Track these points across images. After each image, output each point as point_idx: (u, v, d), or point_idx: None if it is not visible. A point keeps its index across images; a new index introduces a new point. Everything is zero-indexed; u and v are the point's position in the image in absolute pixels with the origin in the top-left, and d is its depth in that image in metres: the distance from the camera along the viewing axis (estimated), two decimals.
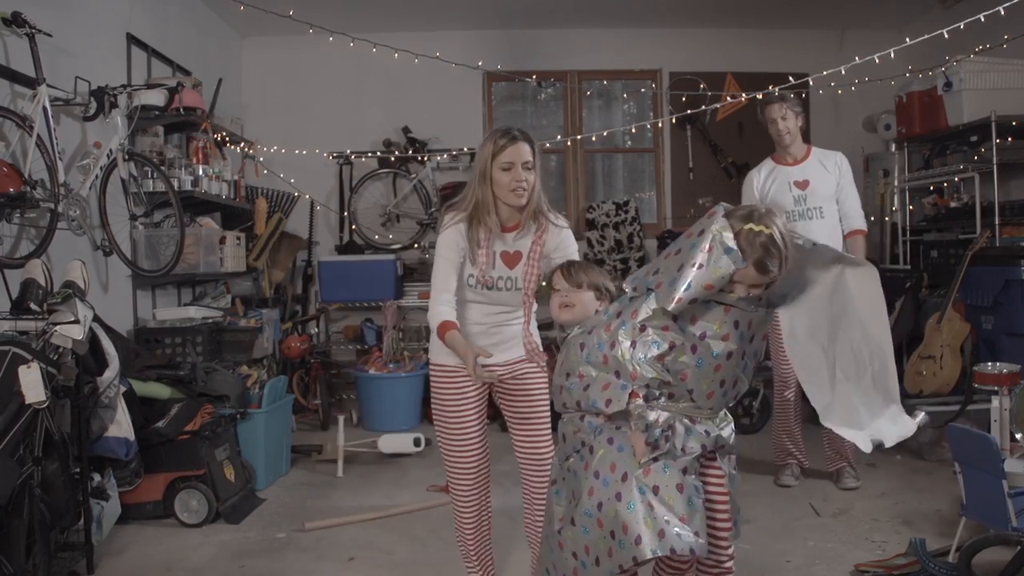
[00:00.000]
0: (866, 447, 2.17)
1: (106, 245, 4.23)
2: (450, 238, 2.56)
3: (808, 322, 2.20)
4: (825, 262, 2.17)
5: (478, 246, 2.54)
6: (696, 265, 1.98)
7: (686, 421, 2.09)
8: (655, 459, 2.05)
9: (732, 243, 1.98)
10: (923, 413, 2.26)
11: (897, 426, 2.20)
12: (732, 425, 2.23)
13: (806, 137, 4.30)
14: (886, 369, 2.19)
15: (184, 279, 5.20)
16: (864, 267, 2.17)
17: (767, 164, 4.17)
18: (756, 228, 2.00)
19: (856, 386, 2.21)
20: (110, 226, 4.22)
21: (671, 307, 1.97)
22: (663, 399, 2.08)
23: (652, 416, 2.04)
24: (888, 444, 2.17)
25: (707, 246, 1.99)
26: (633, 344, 2.07)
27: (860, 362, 2.19)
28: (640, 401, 2.05)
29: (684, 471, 2.08)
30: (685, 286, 1.97)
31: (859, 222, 4.05)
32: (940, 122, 5.36)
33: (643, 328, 2.07)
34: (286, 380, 4.78)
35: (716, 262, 1.98)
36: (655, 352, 2.05)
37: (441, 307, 2.49)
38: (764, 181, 4.11)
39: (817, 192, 3.99)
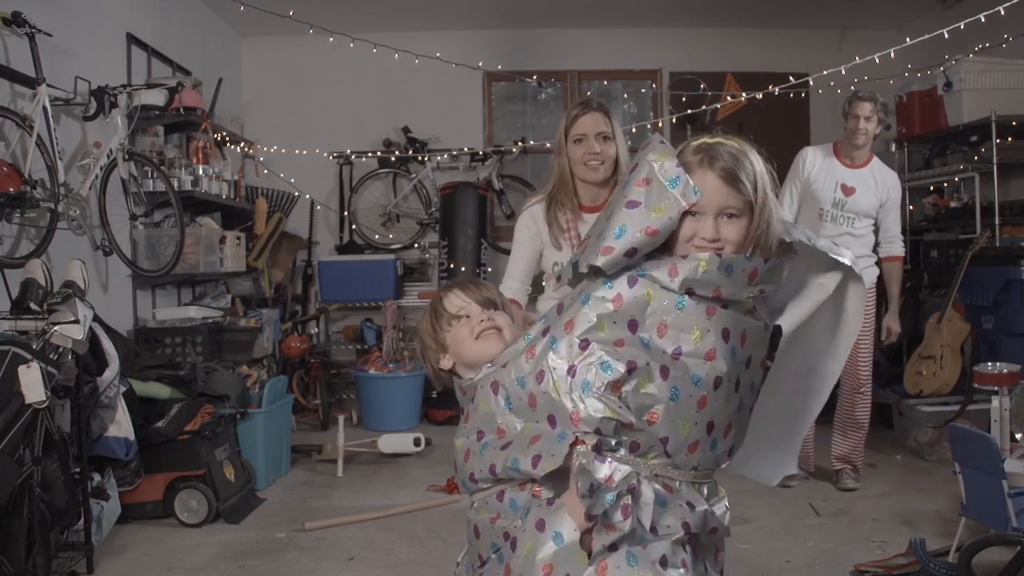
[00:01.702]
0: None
1: (106, 245, 4.23)
2: (522, 222, 2.45)
3: (801, 347, 1.67)
4: (824, 266, 1.65)
5: (562, 229, 2.38)
6: (628, 203, 1.43)
7: (656, 486, 1.39)
8: (613, 546, 1.34)
9: (677, 170, 1.43)
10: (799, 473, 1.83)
11: (774, 470, 1.80)
12: (726, 502, 1.51)
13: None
14: (811, 406, 1.74)
15: (184, 279, 5.20)
16: (860, 284, 1.67)
17: (826, 149, 4.02)
18: (713, 139, 1.50)
19: (771, 417, 1.70)
20: (110, 226, 4.22)
21: (600, 261, 1.40)
22: (623, 450, 1.38)
23: (603, 471, 1.33)
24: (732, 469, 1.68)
25: (642, 178, 1.45)
26: (572, 370, 1.39)
27: (794, 387, 1.73)
28: (585, 448, 1.35)
29: (663, 563, 1.37)
30: (617, 232, 1.41)
31: (898, 247, 3.98)
32: (940, 122, 5.36)
33: (585, 344, 1.40)
34: (286, 380, 4.78)
35: (658, 197, 1.42)
36: (607, 377, 1.36)
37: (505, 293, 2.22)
38: (816, 164, 3.96)
39: (857, 203, 3.90)
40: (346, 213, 6.58)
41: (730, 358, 1.42)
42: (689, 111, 5.78)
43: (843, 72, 4.32)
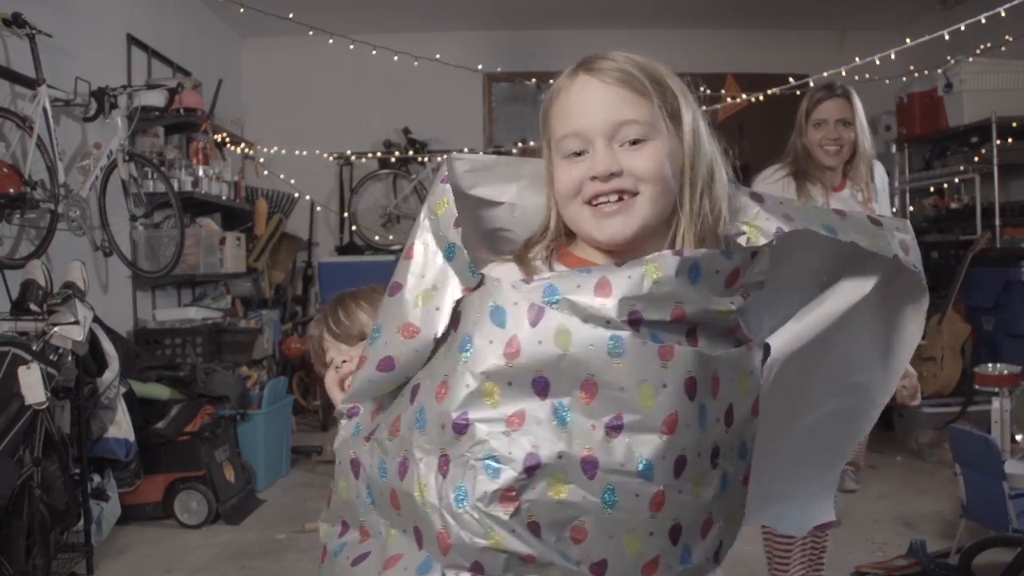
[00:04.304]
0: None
1: (106, 246, 4.22)
2: (774, 192, 2.33)
3: (834, 358, 1.14)
4: (853, 264, 1.08)
5: (815, 201, 2.38)
6: (393, 286, 0.99)
7: None
8: None
9: (455, 233, 0.96)
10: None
11: (803, 514, 1.26)
12: None
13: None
14: (859, 418, 1.19)
15: (184, 280, 5.20)
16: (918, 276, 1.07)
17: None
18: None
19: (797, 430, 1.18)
20: (110, 227, 4.21)
21: (355, 382, 1.04)
22: None
23: None
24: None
25: (412, 244, 1.00)
26: (443, 465, 0.89)
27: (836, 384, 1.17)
28: None
29: None
30: (373, 334, 0.99)
31: None
32: (941, 123, 5.36)
33: (462, 424, 0.89)
34: (286, 381, 4.78)
35: (425, 276, 0.96)
36: (492, 485, 0.87)
37: None
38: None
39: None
40: (346, 214, 6.58)
41: (698, 423, 0.89)
42: None
43: (843, 73, 4.33)
